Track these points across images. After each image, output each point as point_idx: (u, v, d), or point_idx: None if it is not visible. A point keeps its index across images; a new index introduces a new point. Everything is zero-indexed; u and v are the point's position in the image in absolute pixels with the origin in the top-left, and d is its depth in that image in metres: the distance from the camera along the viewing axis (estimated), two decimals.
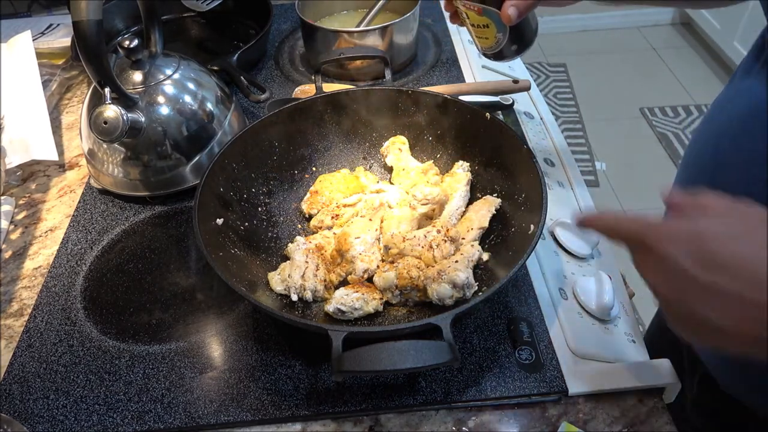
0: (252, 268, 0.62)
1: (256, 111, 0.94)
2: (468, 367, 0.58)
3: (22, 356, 0.62)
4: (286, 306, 0.60)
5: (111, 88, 0.68)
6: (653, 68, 2.77)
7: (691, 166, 0.56)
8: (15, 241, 0.77)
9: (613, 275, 0.65)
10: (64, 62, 1.04)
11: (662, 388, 0.56)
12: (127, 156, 0.75)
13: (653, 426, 0.54)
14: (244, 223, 0.67)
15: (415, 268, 0.59)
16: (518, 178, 0.65)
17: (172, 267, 0.71)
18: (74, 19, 0.61)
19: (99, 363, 0.61)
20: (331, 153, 0.78)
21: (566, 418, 0.54)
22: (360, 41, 0.94)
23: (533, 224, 0.57)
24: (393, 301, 0.61)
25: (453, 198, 0.68)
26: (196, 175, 0.78)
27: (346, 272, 0.63)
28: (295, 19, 1.13)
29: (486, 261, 0.63)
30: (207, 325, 0.64)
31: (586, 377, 0.56)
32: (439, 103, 0.73)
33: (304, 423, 0.56)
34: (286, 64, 1.06)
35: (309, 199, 0.72)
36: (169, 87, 0.75)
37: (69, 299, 0.68)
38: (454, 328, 0.53)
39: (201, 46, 1.13)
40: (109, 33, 1.06)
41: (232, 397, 0.57)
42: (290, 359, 0.60)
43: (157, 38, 0.77)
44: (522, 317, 0.62)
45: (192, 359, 0.61)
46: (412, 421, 0.55)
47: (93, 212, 0.79)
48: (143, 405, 0.57)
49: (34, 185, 0.86)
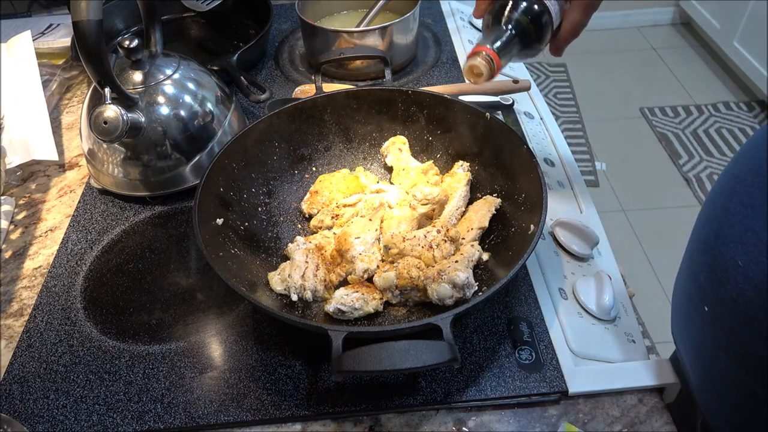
0: (252, 268, 0.63)
1: (256, 111, 0.94)
2: (468, 367, 0.58)
3: (22, 356, 0.62)
4: (286, 306, 0.60)
5: (111, 88, 0.68)
6: (653, 68, 2.77)
7: (707, 207, 0.52)
8: (15, 241, 0.77)
9: (613, 275, 0.66)
10: (64, 62, 1.04)
11: (662, 388, 0.56)
12: (127, 156, 0.75)
13: (653, 426, 0.54)
14: (244, 223, 0.67)
15: (415, 268, 0.59)
16: (518, 178, 0.65)
17: (172, 267, 0.71)
18: (74, 19, 0.61)
19: (99, 363, 0.61)
20: (331, 153, 0.78)
21: (566, 418, 0.54)
22: (360, 41, 0.94)
23: (533, 224, 0.57)
24: (393, 301, 0.61)
25: (453, 198, 0.68)
26: (196, 175, 0.78)
27: (346, 272, 0.63)
28: (295, 19, 1.13)
29: (486, 261, 0.63)
30: (207, 325, 0.64)
31: (586, 377, 0.56)
32: (439, 103, 0.73)
33: (304, 423, 0.56)
34: (286, 64, 1.06)
35: (309, 199, 0.72)
36: (169, 87, 0.75)
37: (69, 299, 0.68)
38: (454, 328, 0.53)
39: (201, 46, 1.13)
40: (109, 33, 1.06)
41: (232, 397, 0.57)
42: (290, 359, 0.60)
43: (157, 38, 0.77)
44: (522, 317, 0.62)
45: (192, 359, 0.61)
46: (412, 421, 0.55)
47: (93, 212, 0.79)
48: (143, 405, 0.57)
49: (34, 185, 0.86)
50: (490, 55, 0.56)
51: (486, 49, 0.56)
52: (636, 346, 0.60)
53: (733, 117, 2.43)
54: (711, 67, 2.73)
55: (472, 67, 0.57)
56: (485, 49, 0.56)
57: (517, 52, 0.58)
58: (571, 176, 0.79)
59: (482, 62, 0.56)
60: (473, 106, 0.71)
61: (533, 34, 0.57)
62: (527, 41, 0.58)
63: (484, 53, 0.56)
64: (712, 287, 0.47)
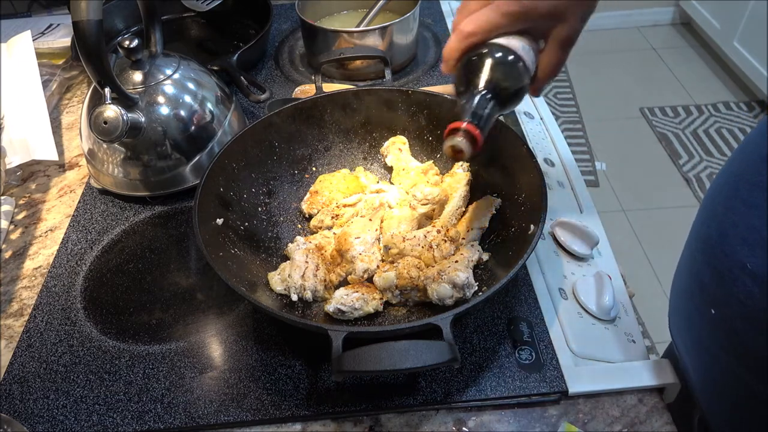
0: (252, 268, 0.62)
1: (256, 111, 0.94)
2: (468, 367, 0.58)
3: (22, 356, 0.62)
4: (286, 306, 0.60)
5: (111, 88, 0.68)
6: (653, 68, 2.77)
7: (707, 206, 0.51)
8: (15, 241, 0.77)
9: (613, 275, 0.66)
10: (64, 62, 1.04)
11: (662, 388, 0.56)
12: (127, 156, 0.75)
13: (653, 426, 0.54)
14: (244, 223, 0.67)
15: (415, 268, 0.59)
16: (518, 178, 0.65)
17: (172, 267, 0.71)
18: (74, 19, 0.61)
19: (99, 363, 0.61)
20: (331, 153, 0.78)
21: (566, 418, 0.54)
22: (360, 41, 0.94)
23: (533, 224, 0.57)
24: (393, 301, 0.61)
25: (453, 198, 0.68)
26: (196, 175, 0.78)
27: (346, 272, 0.63)
28: (295, 19, 1.13)
29: (486, 261, 0.63)
30: (207, 325, 0.64)
31: (586, 377, 0.56)
32: (439, 103, 0.73)
33: (304, 423, 0.56)
34: (286, 64, 1.06)
35: (309, 199, 0.72)
36: (169, 87, 0.75)
37: (69, 299, 0.68)
38: (454, 328, 0.53)
39: (201, 46, 1.13)
40: (109, 33, 1.06)
41: (232, 397, 0.57)
42: (290, 359, 0.60)
43: (157, 38, 0.77)
44: (522, 317, 0.62)
45: (192, 359, 0.61)
46: (412, 421, 0.55)
47: (93, 212, 0.79)
48: (143, 405, 0.57)
49: (34, 185, 0.86)
50: (470, 131, 0.48)
51: (465, 125, 0.48)
52: (636, 346, 0.60)
53: (733, 117, 2.43)
54: (711, 67, 2.73)
55: (452, 147, 0.50)
56: (465, 125, 0.48)
57: (497, 112, 0.51)
58: (571, 176, 0.79)
59: (463, 141, 0.49)
60: None
61: (511, 90, 0.52)
62: (506, 99, 0.52)
63: (462, 130, 0.48)
64: (717, 287, 0.47)
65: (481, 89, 0.50)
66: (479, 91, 0.50)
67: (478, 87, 0.50)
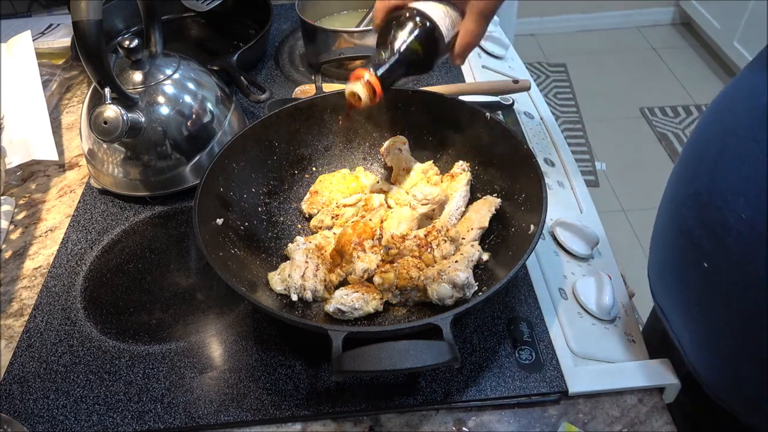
0: (252, 268, 0.63)
1: (256, 111, 0.94)
2: (468, 367, 0.58)
3: (22, 356, 0.62)
4: (286, 306, 0.60)
5: (111, 88, 0.68)
6: (653, 68, 2.77)
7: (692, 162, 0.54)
8: (15, 241, 0.77)
9: (613, 275, 0.66)
10: (64, 62, 1.04)
11: (662, 388, 0.56)
12: (127, 156, 0.75)
13: (653, 426, 0.54)
14: (244, 223, 0.67)
15: (415, 268, 0.59)
16: (518, 178, 0.65)
17: (172, 267, 0.71)
18: (74, 19, 0.61)
19: (99, 363, 0.61)
20: (331, 153, 0.78)
21: (566, 418, 0.54)
22: (360, 41, 0.94)
23: (533, 224, 0.57)
24: (393, 301, 0.61)
25: (453, 198, 0.68)
26: (196, 175, 0.78)
27: (346, 272, 0.63)
28: (295, 19, 1.13)
29: (486, 261, 0.63)
30: (207, 325, 0.64)
31: (586, 377, 0.56)
32: (439, 103, 0.73)
33: (304, 423, 0.56)
34: (286, 64, 1.05)
35: (309, 199, 0.72)
36: (169, 87, 0.75)
37: (69, 299, 0.68)
38: (454, 328, 0.53)
39: (201, 46, 1.13)
40: (109, 33, 1.06)
41: (232, 397, 0.57)
42: (290, 359, 0.60)
43: (157, 38, 0.77)
44: (522, 317, 0.62)
45: (192, 359, 0.61)
46: (412, 421, 0.55)
47: (93, 212, 0.79)
48: (143, 405, 0.57)
49: (34, 185, 0.86)
50: (371, 83, 0.53)
51: (368, 77, 0.53)
52: (636, 346, 0.60)
53: None
54: (711, 67, 2.73)
55: (351, 93, 0.55)
56: (367, 77, 0.53)
57: (405, 72, 0.56)
58: (571, 176, 0.79)
59: (362, 90, 0.53)
60: (473, 106, 0.71)
61: (423, 54, 0.55)
62: (416, 63, 0.56)
63: (364, 79, 0.53)
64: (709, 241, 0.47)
65: (394, 50, 0.54)
66: (390, 51, 0.54)
67: (391, 47, 0.54)
